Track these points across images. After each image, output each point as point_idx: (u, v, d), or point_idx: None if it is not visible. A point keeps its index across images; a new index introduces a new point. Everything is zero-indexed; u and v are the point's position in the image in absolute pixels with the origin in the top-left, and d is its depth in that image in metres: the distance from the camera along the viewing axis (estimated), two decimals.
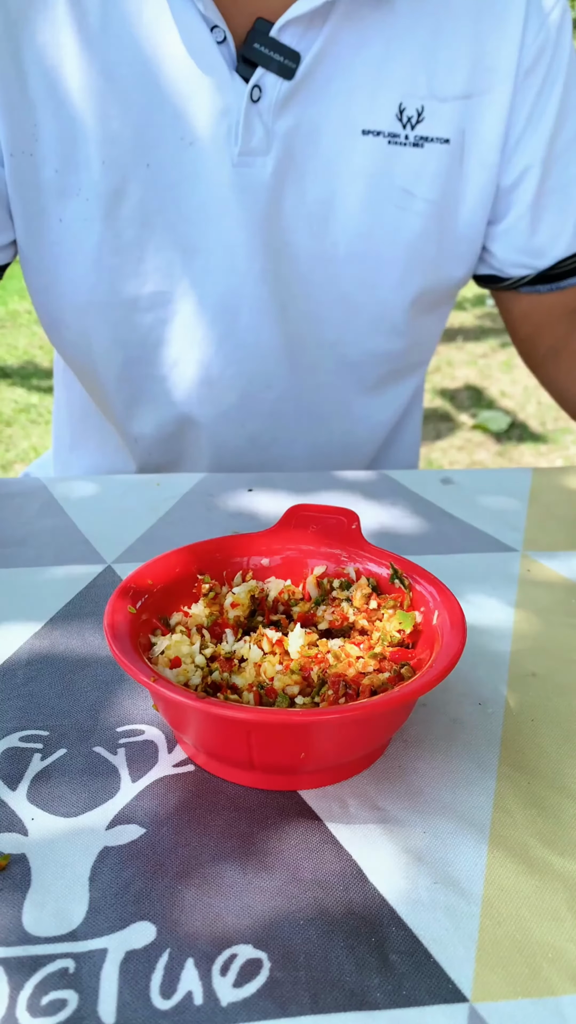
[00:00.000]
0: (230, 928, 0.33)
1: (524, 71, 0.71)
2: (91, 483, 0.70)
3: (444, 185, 0.73)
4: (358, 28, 0.67)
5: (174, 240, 0.70)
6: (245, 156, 0.68)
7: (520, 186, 0.75)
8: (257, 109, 0.67)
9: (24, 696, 0.45)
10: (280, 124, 0.68)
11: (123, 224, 0.69)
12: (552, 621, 0.53)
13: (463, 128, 0.72)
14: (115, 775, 0.40)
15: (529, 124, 0.73)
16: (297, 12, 0.64)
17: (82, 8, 0.65)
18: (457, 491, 0.69)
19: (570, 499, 0.69)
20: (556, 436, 2.61)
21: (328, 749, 0.38)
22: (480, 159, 0.73)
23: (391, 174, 0.71)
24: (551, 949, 0.33)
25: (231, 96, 0.66)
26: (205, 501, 0.66)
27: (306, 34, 0.66)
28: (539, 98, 0.73)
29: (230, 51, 0.66)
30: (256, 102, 0.66)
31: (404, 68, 0.69)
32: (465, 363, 3.20)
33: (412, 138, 0.70)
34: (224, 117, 0.67)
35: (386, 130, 0.70)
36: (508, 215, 0.77)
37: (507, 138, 0.74)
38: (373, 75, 0.69)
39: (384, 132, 0.70)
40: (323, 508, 0.51)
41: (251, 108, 0.66)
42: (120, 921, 0.33)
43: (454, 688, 0.46)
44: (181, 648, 0.41)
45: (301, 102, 0.68)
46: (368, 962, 0.32)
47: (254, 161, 0.68)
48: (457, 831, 0.37)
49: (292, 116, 0.68)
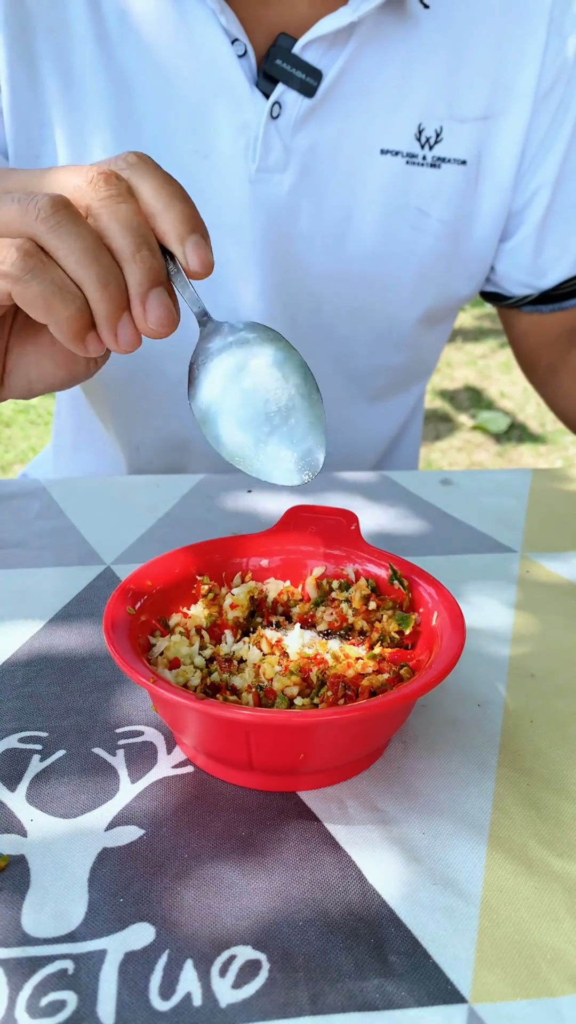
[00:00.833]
0: (229, 929, 0.33)
1: (542, 94, 0.71)
2: (91, 484, 0.70)
3: (459, 206, 0.73)
4: (380, 47, 0.66)
5: None
6: (262, 173, 0.67)
7: (529, 207, 0.75)
8: (276, 126, 0.66)
9: (23, 697, 0.45)
10: (299, 141, 0.67)
11: None
12: (551, 622, 0.53)
13: (480, 150, 0.71)
14: (114, 776, 0.40)
15: (543, 146, 0.73)
16: (322, 31, 0.64)
17: (100, 13, 0.64)
18: (456, 492, 0.69)
19: (569, 500, 0.69)
20: (555, 437, 2.61)
21: (327, 750, 0.38)
22: (494, 181, 0.73)
23: (407, 194, 0.71)
24: (550, 950, 0.33)
25: (250, 112, 0.66)
26: (204, 502, 0.66)
27: (328, 52, 0.65)
28: (554, 121, 0.73)
29: (251, 65, 0.66)
30: (275, 119, 0.66)
31: (424, 88, 0.68)
32: (464, 364, 3.20)
33: (430, 158, 0.70)
34: (242, 132, 0.66)
35: (404, 150, 0.69)
36: (515, 235, 0.77)
37: (522, 160, 0.73)
38: (393, 95, 0.68)
39: (403, 152, 0.69)
40: (322, 509, 0.51)
41: (270, 124, 0.66)
42: (119, 922, 0.33)
43: (453, 689, 0.46)
44: (180, 649, 0.41)
45: (320, 120, 0.67)
46: (367, 963, 0.32)
47: (271, 178, 0.68)
48: (456, 832, 0.37)
49: (311, 134, 0.67)
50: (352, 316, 0.76)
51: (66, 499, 0.66)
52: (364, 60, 0.66)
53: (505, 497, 0.69)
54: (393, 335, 0.78)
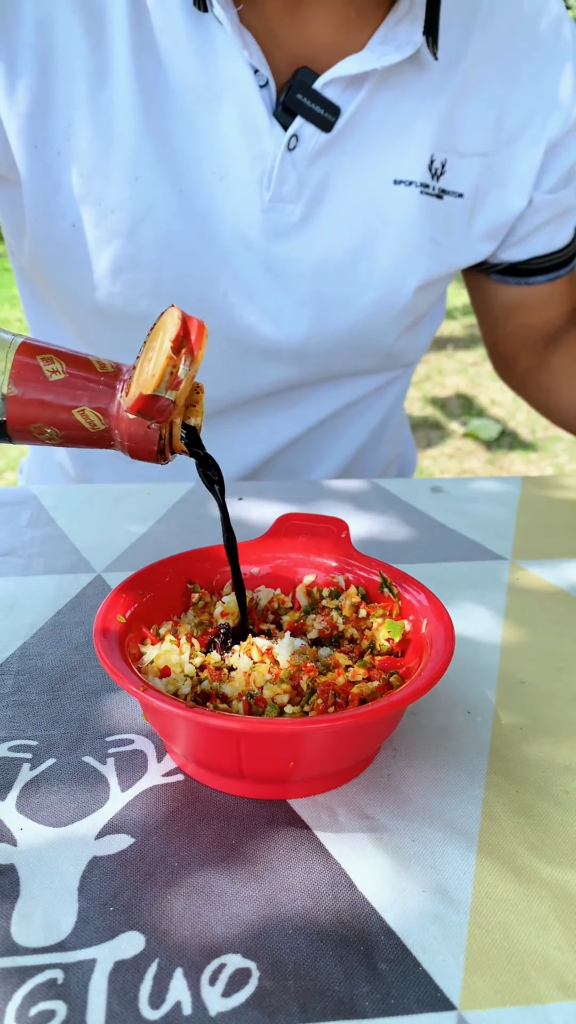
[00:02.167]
0: (219, 937, 0.33)
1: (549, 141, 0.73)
2: (81, 492, 0.70)
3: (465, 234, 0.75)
4: (395, 87, 0.68)
5: (194, 268, 0.70)
6: (276, 202, 0.68)
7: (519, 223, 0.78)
8: (292, 157, 0.67)
9: (13, 706, 0.45)
10: (313, 173, 0.68)
11: (146, 242, 0.69)
12: (541, 629, 0.53)
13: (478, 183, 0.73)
14: (104, 784, 0.40)
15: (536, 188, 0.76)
16: (343, 72, 0.65)
17: (139, 23, 0.64)
18: (446, 500, 0.70)
19: (559, 508, 0.69)
20: (546, 444, 2.62)
21: (317, 758, 0.38)
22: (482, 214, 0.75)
23: (420, 223, 0.72)
24: (539, 957, 0.33)
25: (268, 142, 0.66)
26: (195, 510, 0.67)
27: (347, 89, 0.67)
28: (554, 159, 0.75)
29: (271, 96, 0.66)
30: (292, 150, 0.67)
31: (433, 122, 0.70)
32: (455, 371, 3.21)
33: (436, 189, 0.71)
34: (258, 161, 0.67)
35: (418, 180, 0.71)
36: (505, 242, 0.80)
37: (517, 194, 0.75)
38: (406, 130, 0.69)
39: (416, 182, 0.71)
40: (313, 517, 0.51)
41: (286, 156, 0.67)
42: (109, 931, 0.33)
43: (443, 696, 0.46)
44: (170, 657, 0.41)
45: (335, 154, 0.68)
46: (357, 971, 0.32)
47: (283, 207, 0.69)
48: (446, 839, 0.37)
49: (325, 166, 0.68)
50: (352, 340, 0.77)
51: (56, 507, 0.66)
52: (379, 99, 0.68)
53: (495, 505, 0.69)
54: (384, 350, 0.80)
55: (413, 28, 0.65)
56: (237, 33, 0.63)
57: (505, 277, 0.82)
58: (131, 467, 0.82)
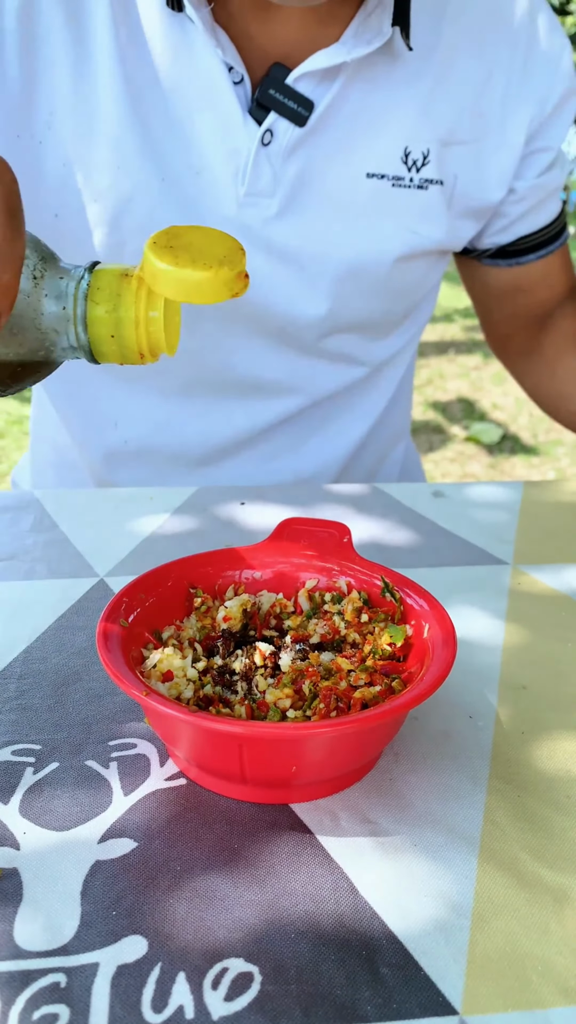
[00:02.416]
0: (221, 942, 0.33)
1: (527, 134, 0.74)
2: (84, 497, 0.70)
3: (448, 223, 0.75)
4: (367, 80, 0.69)
5: None
6: (251, 196, 0.69)
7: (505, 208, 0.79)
8: (267, 152, 0.68)
9: (16, 710, 0.45)
10: (288, 168, 0.69)
11: (129, 232, 0.70)
12: (542, 634, 0.53)
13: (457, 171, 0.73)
14: (107, 788, 0.40)
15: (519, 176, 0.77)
16: (315, 66, 0.66)
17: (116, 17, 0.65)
18: (448, 504, 0.70)
19: (560, 512, 0.69)
20: (548, 448, 2.62)
21: (319, 762, 0.38)
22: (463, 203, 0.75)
23: (396, 214, 0.73)
24: (540, 962, 0.33)
25: (242, 138, 0.67)
26: (197, 515, 0.67)
27: (320, 85, 0.67)
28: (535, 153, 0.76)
29: (245, 92, 0.67)
30: (267, 145, 0.67)
31: (409, 114, 0.70)
32: (457, 375, 3.21)
33: (417, 180, 0.72)
34: (233, 157, 0.68)
35: (390, 173, 0.71)
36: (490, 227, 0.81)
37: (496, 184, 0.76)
38: (379, 122, 0.70)
39: (388, 175, 0.71)
40: (315, 521, 0.51)
41: (261, 151, 0.67)
42: (112, 935, 0.33)
43: (445, 701, 0.46)
44: (173, 662, 0.41)
45: (309, 148, 0.69)
46: (359, 975, 0.32)
47: (259, 202, 0.69)
48: (447, 844, 0.38)
49: (300, 160, 0.69)
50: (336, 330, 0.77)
51: (59, 511, 0.66)
52: (353, 92, 0.69)
53: (496, 509, 0.69)
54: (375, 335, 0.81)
55: (383, 20, 0.66)
56: (210, 31, 0.64)
57: (496, 260, 0.83)
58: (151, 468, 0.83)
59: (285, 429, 0.83)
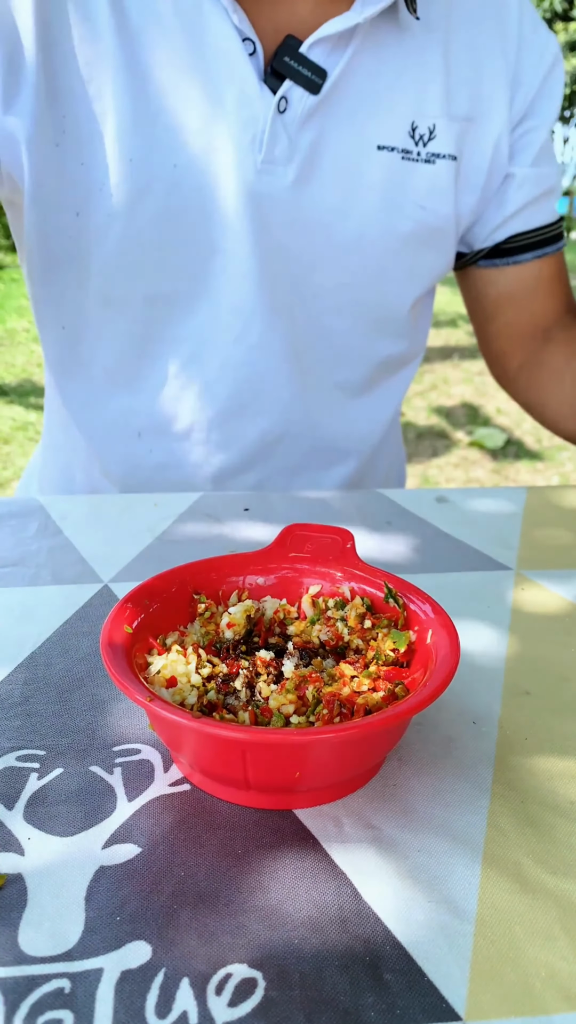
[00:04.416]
0: (225, 947, 0.33)
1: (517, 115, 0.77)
2: (88, 503, 0.70)
3: (452, 199, 0.77)
4: (377, 50, 0.71)
5: (195, 240, 0.73)
6: (268, 164, 0.71)
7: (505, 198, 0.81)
8: (283, 120, 0.69)
9: (21, 715, 0.45)
10: (303, 136, 0.71)
11: (146, 222, 0.71)
12: (546, 640, 0.53)
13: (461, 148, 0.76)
14: (111, 794, 0.40)
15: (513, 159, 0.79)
16: (327, 32, 0.68)
17: (121, 9, 0.67)
18: (451, 510, 0.70)
19: (564, 518, 0.69)
20: (552, 453, 2.62)
21: (323, 768, 0.38)
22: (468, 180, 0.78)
23: (403, 188, 0.74)
24: (544, 967, 0.33)
25: (259, 106, 0.69)
26: (201, 521, 0.67)
27: (333, 52, 0.70)
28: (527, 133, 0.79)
29: (259, 63, 0.69)
30: (282, 113, 0.69)
31: (417, 88, 0.73)
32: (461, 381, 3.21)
33: (424, 155, 0.74)
34: (250, 126, 0.69)
35: (399, 146, 0.73)
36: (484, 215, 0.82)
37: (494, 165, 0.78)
38: (388, 94, 0.72)
39: (397, 148, 0.73)
40: (318, 527, 0.51)
41: (277, 119, 0.69)
42: (116, 941, 0.33)
43: (448, 707, 0.46)
44: (177, 668, 0.41)
45: (323, 117, 0.71)
46: (362, 981, 0.32)
47: (276, 169, 0.71)
48: (451, 850, 0.38)
49: (314, 129, 0.71)
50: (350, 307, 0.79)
51: (64, 518, 0.67)
52: (363, 62, 0.71)
53: (500, 515, 0.69)
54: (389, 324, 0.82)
55: None
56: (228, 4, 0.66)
57: (492, 260, 0.84)
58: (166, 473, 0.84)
59: None
